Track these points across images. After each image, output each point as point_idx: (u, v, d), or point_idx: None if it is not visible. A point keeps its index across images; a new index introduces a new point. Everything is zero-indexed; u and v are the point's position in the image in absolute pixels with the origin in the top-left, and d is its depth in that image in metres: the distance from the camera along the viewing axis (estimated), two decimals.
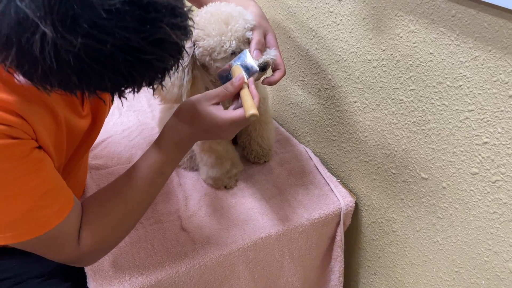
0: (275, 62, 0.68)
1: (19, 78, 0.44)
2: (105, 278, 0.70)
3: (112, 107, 1.18)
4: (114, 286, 0.69)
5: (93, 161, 0.96)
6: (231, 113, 0.60)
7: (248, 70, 0.64)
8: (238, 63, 0.65)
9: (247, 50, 0.66)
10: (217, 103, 0.62)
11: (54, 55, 0.38)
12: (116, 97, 0.47)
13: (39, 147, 0.55)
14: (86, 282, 0.72)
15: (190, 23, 0.47)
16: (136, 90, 0.46)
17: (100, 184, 0.90)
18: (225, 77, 0.67)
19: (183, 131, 0.63)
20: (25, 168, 0.52)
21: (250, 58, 0.65)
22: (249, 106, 0.58)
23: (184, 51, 0.47)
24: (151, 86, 0.48)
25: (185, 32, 0.45)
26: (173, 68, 0.47)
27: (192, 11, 0.48)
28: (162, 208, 0.85)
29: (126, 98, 0.47)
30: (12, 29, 0.38)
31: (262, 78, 0.70)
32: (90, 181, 0.90)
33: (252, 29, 0.68)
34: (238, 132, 0.66)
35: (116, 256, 0.74)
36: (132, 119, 1.13)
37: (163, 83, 0.49)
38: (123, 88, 0.45)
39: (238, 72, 0.63)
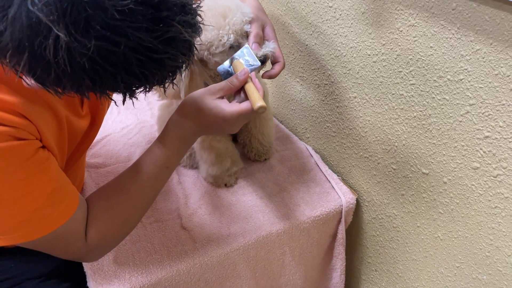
0: (274, 55, 0.68)
1: (30, 82, 0.44)
2: (105, 278, 0.70)
3: (111, 105, 1.17)
4: (114, 286, 0.69)
5: (92, 160, 0.95)
6: (238, 105, 0.60)
7: (250, 65, 0.64)
8: (239, 58, 0.65)
9: (247, 44, 0.66)
10: (222, 97, 0.62)
11: (68, 58, 0.38)
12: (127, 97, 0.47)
13: (44, 147, 0.55)
14: (86, 282, 0.71)
15: (199, 19, 0.46)
16: (147, 89, 0.46)
17: (99, 183, 0.89)
18: (226, 72, 0.66)
19: (187, 125, 0.62)
20: (31, 169, 0.52)
21: (251, 53, 0.64)
22: (257, 98, 0.58)
23: (195, 49, 0.47)
24: (162, 85, 0.47)
25: (195, 29, 0.45)
26: (184, 66, 0.47)
27: (200, 7, 0.47)
28: (162, 206, 0.84)
29: (137, 98, 0.47)
30: (24, 33, 0.37)
31: (261, 72, 0.69)
32: (89, 180, 0.89)
33: (250, 22, 0.68)
34: (242, 126, 0.65)
35: (116, 255, 0.74)
36: (131, 117, 1.13)
37: (172, 83, 0.49)
38: (134, 88, 0.45)
39: (240, 67, 0.63)
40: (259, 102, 0.57)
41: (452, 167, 0.66)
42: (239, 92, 0.62)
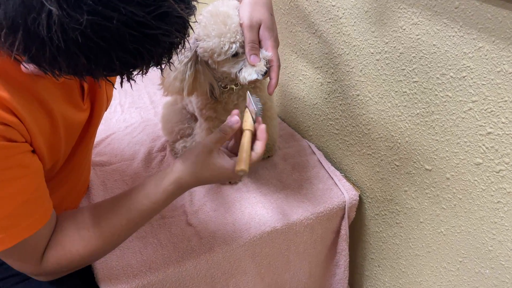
0: (269, 60, 0.66)
1: (28, 65, 0.44)
2: (113, 273, 0.71)
3: (115, 104, 1.18)
4: (122, 281, 0.70)
5: (97, 158, 0.96)
6: (231, 164, 0.60)
7: (254, 113, 0.64)
8: (249, 107, 0.65)
9: (248, 93, 0.65)
10: (219, 149, 0.63)
11: (61, 34, 0.38)
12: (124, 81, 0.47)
13: (32, 151, 0.55)
14: (92, 278, 0.72)
15: None
16: (144, 70, 0.46)
17: (104, 181, 0.90)
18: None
19: (184, 181, 0.62)
20: (12, 173, 0.51)
21: (251, 101, 0.64)
22: (241, 160, 0.58)
23: (190, 28, 0.46)
24: (159, 66, 0.47)
25: (189, 6, 0.45)
26: (180, 45, 0.47)
27: None
28: None
29: (135, 81, 0.46)
30: (17, 10, 0.37)
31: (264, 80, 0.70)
32: (95, 178, 0.90)
33: (241, 26, 0.66)
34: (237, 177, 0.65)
35: (124, 251, 0.74)
36: (135, 116, 1.13)
37: (166, 71, 0.47)
38: (131, 70, 0.45)
39: (247, 116, 0.63)
40: (240, 166, 0.57)
41: (455, 163, 0.68)
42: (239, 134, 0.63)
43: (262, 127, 0.62)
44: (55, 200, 0.62)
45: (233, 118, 0.62)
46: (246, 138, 0.61)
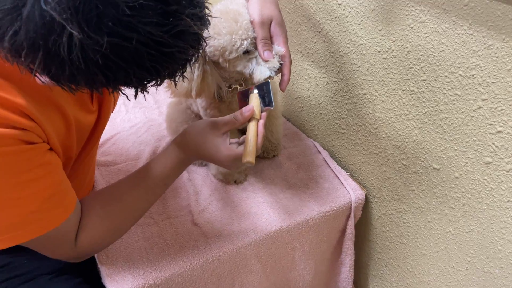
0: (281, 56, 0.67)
1: (45, 79, 0.44)
2: (120, 274, 0.70)
3: (119, 104, 1.18)
4: (128, 281, 0.69)
5: (102, 158, 0.96)
6: (234, 150, 0.63)
7: (265, 103, 0.65)
8: (256, 92, 0.66)
9: (269, 81, 0.66)
10: (225, 132, 0.66)
11: (81, 55, 0.38)
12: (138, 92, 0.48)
13: (50, 149, 0.56)
14: (97, 278, 0.72)
15: (207, 11, 0.47)
16: (158, 83, 0.47)
17: (110, 180, 0.90)
18: (243, 100, 0.68)
19: (187, 151, 0.67)
20: (36, 172, 0.53)
21: (270, 92, 0.65)
22: (248, 152, 0.60)
23: (203, 41, 0.48)
24: (172, 78, 0.48)
25: (204, 21, 0.46)
26: (193, 58, 0.48)
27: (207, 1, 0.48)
28: (173, 203, 0.85)
29: (148, 92, 0.47)
30: (38, 32, 0.38)
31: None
32: (100, 178, 0.90)
33: (252, 23, 0.66)
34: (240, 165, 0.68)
35: (130, 251, 0.74)
36: (139, 116, 1.13)
37: (182, 76, 0.49)
38: (146, 82, 0.46)
39: (255, 101, 0.64)
40: (247, 157, 0.59)
41: (463, 162, 0.67)
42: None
43: (260, 123, 0.65)
44: None
45: (249, 106, 0.65)
46: (252, 126, 0.63)
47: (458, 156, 0.68)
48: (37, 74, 0.44)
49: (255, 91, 0.67)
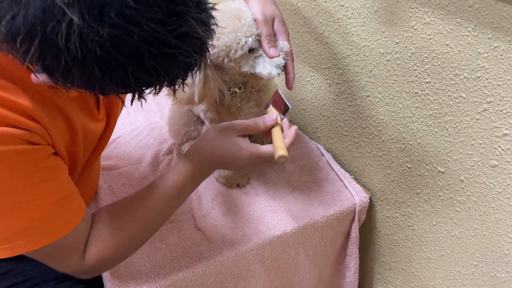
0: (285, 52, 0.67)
1: (40, 75, 0.43)
2: (122, 279, 0.70)
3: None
4: (131, 287, 0.69)
5: (104, 162, 0.96)
6: (258, 147, 0.59)
7: (282, 110, 0.64)
8: (271, 106, 0.65)
9: (278, 90, 0.65)
10: (244, 135, 0.62)
11: (79, 44, 0.37)
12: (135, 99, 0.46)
13: (55, 153, 0.55)
14: (100, 284, 0.71)
15: (213, 21, 0.46)
16: (158, 89, 0.45)
17: (112, 185, 0.89)
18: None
19: (205, 158, 0.62)
20: (41, 175, 0.51)
21: (282, 97, 0.64)
22: (280, 147, 0.57)
23: (207, 50, 0.46)
24: (172, 86, 0.46)
25: (209, 28, 0.45)
26: (196, 66, 0.46)
27: (215, 9, 0.47)
28: None
29: (146, 100, 0.46)
30: (37, 17, 0.36)
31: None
32: (102, 182, 0.90)
33: (255, 21, 0.66)
34: (263, 168, 0.65)
35: (132, 256, 0.74)
36: (141, 119, 1.13)
37: (182, 84, 0.48)
38: (144, 88, 0.44)
39: (273, 112, 0.63)
40: (281, 152, 0.55)
41: (469, 165, 0.66)
42: (269, 133, 0.62)
43: (293, 127, 0.62)
44: None
45: (273, 116, 0.62)
46: (277, 128, 0.61)
47: (463, 159, 0.67)
48: (31, 67, 0.42)
49: (270, 105, 0.66)
